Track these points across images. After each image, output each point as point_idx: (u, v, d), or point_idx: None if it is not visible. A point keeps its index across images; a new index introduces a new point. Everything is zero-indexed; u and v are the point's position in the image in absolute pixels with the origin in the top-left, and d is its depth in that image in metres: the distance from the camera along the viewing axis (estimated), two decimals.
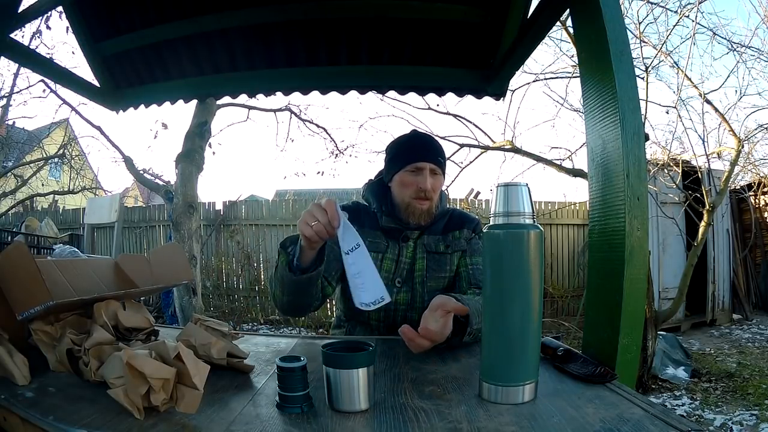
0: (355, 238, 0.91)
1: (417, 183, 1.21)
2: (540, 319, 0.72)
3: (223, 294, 5.79)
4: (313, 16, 1.57)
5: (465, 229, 1.31)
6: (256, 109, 5.61)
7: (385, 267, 1.24)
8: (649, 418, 0.63)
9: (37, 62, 1.74)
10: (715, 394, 3.28)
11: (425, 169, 1.22)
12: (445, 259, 1.27)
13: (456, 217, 1.34)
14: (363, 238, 1.24)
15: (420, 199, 1.22)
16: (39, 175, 8.46)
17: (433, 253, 1.27)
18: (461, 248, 1.29)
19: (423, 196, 1.22)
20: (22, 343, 0.83)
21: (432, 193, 1.23)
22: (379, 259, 1.25)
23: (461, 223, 1.32)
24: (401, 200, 1.25)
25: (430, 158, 1.23)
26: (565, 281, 5.71)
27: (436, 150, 1.26)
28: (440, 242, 1.28)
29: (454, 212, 1.36)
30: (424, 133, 1.35)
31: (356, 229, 1.23)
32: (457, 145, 4.40)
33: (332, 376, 0.67)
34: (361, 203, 1.36)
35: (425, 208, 1.23)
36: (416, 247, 1.27)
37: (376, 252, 1.25)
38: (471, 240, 1.31)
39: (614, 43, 0.88)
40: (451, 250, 1.28)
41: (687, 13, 3.99)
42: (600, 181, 0.93)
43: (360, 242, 0.90)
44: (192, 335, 0.81)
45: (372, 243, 1.25)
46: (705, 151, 4.23)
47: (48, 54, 4.88)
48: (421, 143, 1.27)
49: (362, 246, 0.90)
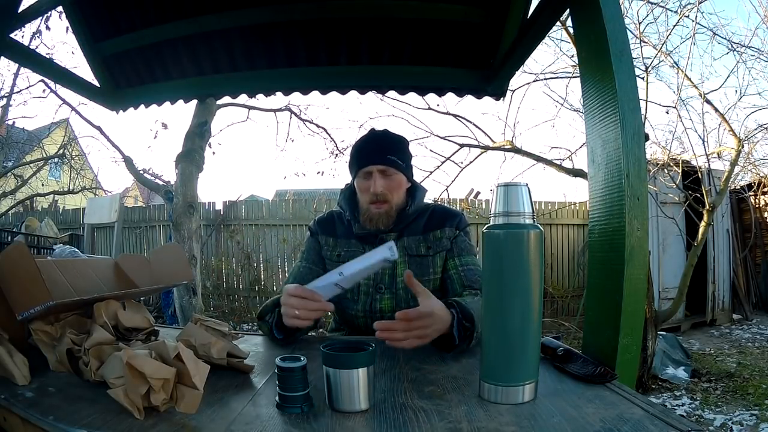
0: (332, 275, 0.95)
1: (368, 187, 1.19)
2: (540, 319, 0.72)
3: (223, 294, 5.79)
4: (313, 16, 1.57)
5: (446, 228, 1.24)
6: (256, 109, 5.61)
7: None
8: (649, 418, 0.63)
9: (37, 62, 1.74)
10: (715, 394, 3.28)
11: (373, 172, 1.19)
12: (427, 262, 1.22)
13: (437, 215, 1.27)
14: (338, 248, 1.26)
15: (375, 203, 1.19)
16: (39, 175, 8.45)
17: (414, 256, 1.22)
18: (444, 248, 1.23)
19: (376, 199, 1.19)
20: (22, 343, 0.83)
21: (387, 194, 1.19)
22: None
23: (442, 221, 1.25)
24: (362, 206, 1.23)
25: (377, 160, 1.19)
26: (565, 281, 5.71)
27: (386, 149, 1.21)
28: (421, 243, 1.23)
29: (435, 209, 1.29)
30: (375, 133, 1.28)
31: (330, 240, 1.28)
32: (457, 145, 4.40)
33: (332, 376, 0.67)
34: (335, 210, 1.34)
35: (383, 211, 1.20)
36: (398, 250, 1.25)
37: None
38: (456, 238, 1.25)
39: (614, 43, 0.88)
40: (433, 252, 1.22)
41: (687, 13, 3.99)
42: (600, 181, 0.93)
43: (340, 271, 0.94)
44: (192, 335, 0.81)
45: (347, 252, 1.24)
46: (705, 151, 4.23)
47: (48, 54, 4.88)
48: (369, 145, 1.23)
49: (343, 272, 0.93)
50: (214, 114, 4.50)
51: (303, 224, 5.71)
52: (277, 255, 5.79)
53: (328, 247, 1.28)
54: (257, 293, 5.77)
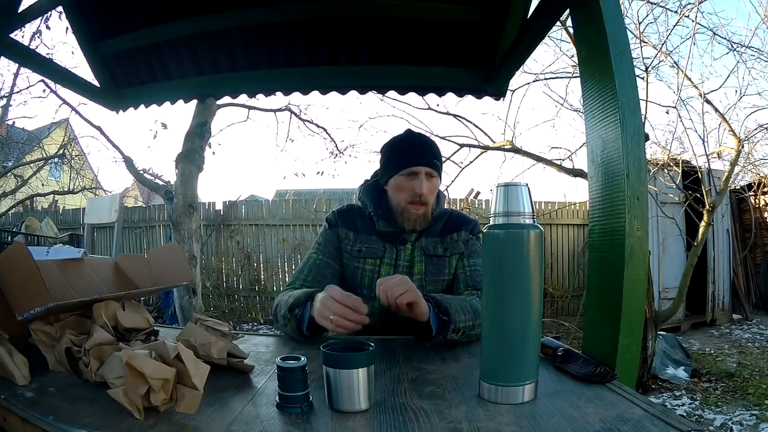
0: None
1: (413, 187, 1.19)
2: (540, 319, 0.72)
3: (223, 294, 5.79)
4: (313, 16, 1.57)
5: (463, 231, 1.29)
6: (256, 109, 5.61)
7: (383, 272, 1.23)
8: (649, 418, 0.63)
9: (37, 62, 1.74)
10: (715, 394, 3.28)
11: (420, 173, 1.20)
12: (443, 262, 1.26)
13: (454, 219, 1.32)
14: (359, 243, 1.27)
15: (415, 204, 1.21)
16: (39, 175, 8.45)
17: (431, 256, 1.25)
18: (459, 251, 1.27)
19: (419, 200, 1.20)
20: (22, 343, 0.83)
21: (428, 197, 1.21)
22: (377, 265, 1.24)
23: (459, 225, 1.30)
24: (397, 204, 1.23)
25: (426, 161, 1.21)
26: (565, 281, 5.71)
27: (431, 152, 1.24)
28: (438, 245, 1.26)
29: (452, 214, 1.34)
30: (420, 134, 1.32)
31: (350, 234, 1.28)
32: (457, 145, 4.39)
33: (332, 376, 0.67)
34: (354, 204, 1.34)
35: (421, 213, 1.22)
36: (414, 249, 1.25)
37: (374, 257, 1.24)
38: (469, 241, 1.29)
39: (614, 43, 0.88)
40: (450, 253, 1.26)
41: (687, 13, 3.99)
42: (600, 181, 0.93)
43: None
44: (192, 335, 0.81)
45: (369, 248, 1.24)
46: (705, 151, 4.23)
47: (48, 54, 4.88)
48: (416, 146, 1.25)
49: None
50: (214, 114, 4.50)
51: (303, 224, 5.71)
52: (277, 255, 5.80)
53: (348, 240, 1.27)
54: (257, 293, 5.77)
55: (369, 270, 1.24)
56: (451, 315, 0.98)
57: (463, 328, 1.00)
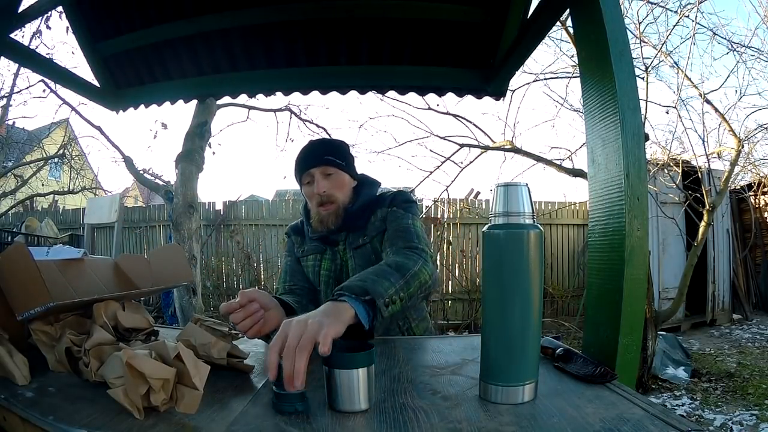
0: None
1: (313, 191, 1.23)
2: (540, 319, 0.72)
3: (223, 294, 5.78)
4: (313, 16, 1.57)
5: (378, 211, 1.24)
6: (256, 109, 5.60)
7: (324, 266, 1.28)
8: (649, 418, 0.63)
9: (37, 62, 1.74)
10: (715, 394, 3.28)
11: (315, 174, 1.23)
12: (367, 249, 1.24)
13: (373, 203, 1.27)
14: (304, 245, 1.34)
15: (323, 204, 1.23)
16: (39, 175, 8.46)
17: (357, 248, 1.25)
18: (378, 231, 1.23)
19: (321, 201, 1.23)
20: (22, 343, 0.83)
21: (332, 193, 1.23)
22: (318, 260, 1.29)
23: (374, 207, 1.26)
24: (312, 211, 1.28)
25: (316, 162, 1.23)
26: (565, 281, 5.71)
27: (323, 151, 1.26)
28: (361, 236, 1.25)
29: (372, 200, 1.28)
30: (312, 141, 1.35)
31: (298, 239, 1.37)
32: (457, 145, 4.40)
33: (332, 376, 0.67)
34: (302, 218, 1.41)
35: (331, 211, 1.24)
36: (346, 247, 1.27)
37: (315, 254, 1.30)
38: (387, 215, 1.23)
39: (614, 43, 0.88)
40: (369, 238, 1.24)
41: (687, 13, 4.00)
42: (600, 181, 0.93)
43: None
44: (192, 335, 0.81)
45: (311, 247, 1.32)
46: (705, 151, 4.24)
47: (48, 54, 4.88)
48: (307, 152, 1.28)
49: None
50: (214, 114, 4.50)
51: None
52: (277, 255, 5.79)
53: (297, 245, 1.38)
54: None
55: (311, 266, 1.31)
56: (370, 290, 0.84)
57: (394, 295, 0.88)
